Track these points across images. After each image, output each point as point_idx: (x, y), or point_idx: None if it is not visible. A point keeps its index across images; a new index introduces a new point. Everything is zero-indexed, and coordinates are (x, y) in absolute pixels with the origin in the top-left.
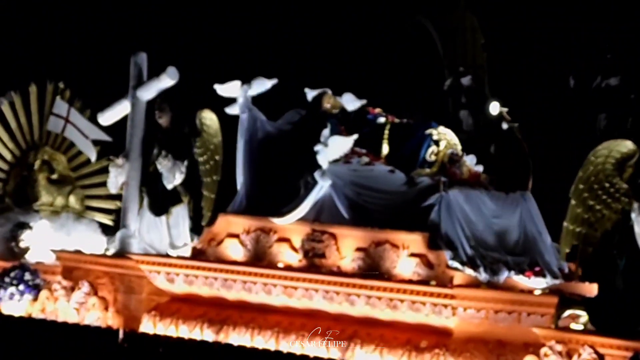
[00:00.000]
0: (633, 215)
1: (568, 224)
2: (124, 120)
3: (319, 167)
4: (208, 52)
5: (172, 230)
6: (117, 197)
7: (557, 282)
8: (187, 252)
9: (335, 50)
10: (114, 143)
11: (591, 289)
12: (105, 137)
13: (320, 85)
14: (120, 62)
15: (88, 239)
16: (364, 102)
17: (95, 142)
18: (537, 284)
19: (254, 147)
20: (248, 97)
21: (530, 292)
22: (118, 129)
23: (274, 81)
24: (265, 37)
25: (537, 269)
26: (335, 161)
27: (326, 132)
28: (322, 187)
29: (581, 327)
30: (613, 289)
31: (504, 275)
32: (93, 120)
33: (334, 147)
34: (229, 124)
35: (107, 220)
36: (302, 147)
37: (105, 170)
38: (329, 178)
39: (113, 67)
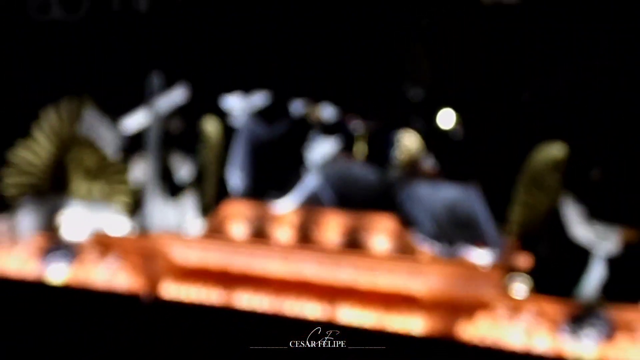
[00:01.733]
0: (564, 203)
1: (514, 208)
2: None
3: (309, 165)
4: (211, 68)
5: (182, 214)
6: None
7: (500, 255)
8: (198, 231)
9: (320, 59)
10: (135, 145)
11: (528, 260)
12: (125, 140)
13: (305, 94)
14: (138, 80)
15: (113, 221)
16: (339, 111)
17: (118, 143)
18: (485, 257)
19: (252, 147)
20: (247, 107)
21: (481, 264)
22: (139, 134)
23: (269, 95)
24: (258, 53)
25: (483, 244)
26: (322, 160)
27: (314, 136)
28: (312, 181)
29: (526, 292)
30: (550, 260)
31: (459, 251)
32: (118, 125)
33: (321, 149)
34: (228, 130)
35: (127, 206)
36: (294, 149)
37: (126, 166)
38: (317, 174)
39: (131, 84)
